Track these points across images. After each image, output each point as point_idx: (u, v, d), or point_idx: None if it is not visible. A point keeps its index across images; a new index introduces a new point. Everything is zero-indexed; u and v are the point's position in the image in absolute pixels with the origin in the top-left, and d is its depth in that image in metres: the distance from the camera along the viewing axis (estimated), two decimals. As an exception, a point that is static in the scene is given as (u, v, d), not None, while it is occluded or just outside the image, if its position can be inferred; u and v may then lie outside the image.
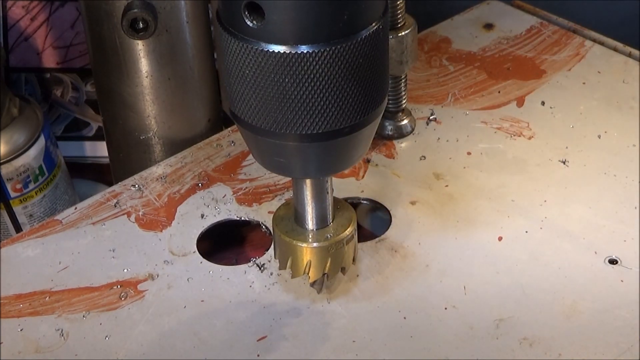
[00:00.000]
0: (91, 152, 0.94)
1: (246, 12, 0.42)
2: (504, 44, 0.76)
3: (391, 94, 0.65)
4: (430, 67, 0.74)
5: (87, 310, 0.54)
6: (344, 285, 0.55)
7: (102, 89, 0.70)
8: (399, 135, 0.67)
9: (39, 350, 0.52)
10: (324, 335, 0.53)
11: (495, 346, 0.51)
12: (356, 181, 0.63)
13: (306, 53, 0.41)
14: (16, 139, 0.78)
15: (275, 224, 0.52)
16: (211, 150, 0.67)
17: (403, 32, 0.61)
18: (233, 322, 0.53)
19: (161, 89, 0.68)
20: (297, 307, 0.54)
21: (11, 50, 0.94)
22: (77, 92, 0.95)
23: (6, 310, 0.55)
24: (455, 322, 0.53)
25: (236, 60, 0.43)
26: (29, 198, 0.80)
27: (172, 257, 0.58)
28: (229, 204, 0.62)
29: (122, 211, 0.62)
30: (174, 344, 0.52)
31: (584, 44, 0.75)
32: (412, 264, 0.57)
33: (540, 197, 0.61)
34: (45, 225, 0.61)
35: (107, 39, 0.66)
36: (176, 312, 0.54)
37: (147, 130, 0.70)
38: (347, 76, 0.43)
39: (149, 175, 0.65)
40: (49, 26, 0.93)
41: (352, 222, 0.52)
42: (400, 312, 0.54)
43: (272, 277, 0.56)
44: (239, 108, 0.45)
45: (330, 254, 0.51)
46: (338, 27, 0.42)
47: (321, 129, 0.44)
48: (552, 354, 0.51)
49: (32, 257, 0.58)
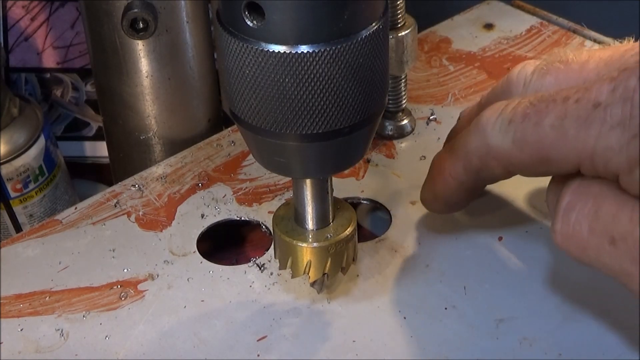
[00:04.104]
0: (91, 152, 0.94)
1: (246, 12, 0.42)
2: (504, 44, 0.76)
3: (391, 94, 0.65)
4: (430, 67, 0.74)
5: (87, 310, 0.55)
6: (344, 285, 0.55)
7: (102, 89, 0.70)
8: (399, 135, 0.67)
9: (39, 350, 0.52)
10: (324, 335, 0.53)
11: (495, 346, 0.51)
12: (356, 181, 0.63)
13: (306, 53, 0.42)
14: (16, 139, 0.78)
15: (275, 224, 0.52)
16: (211, 150, 0.67)
17: (403, 32, 0.61)
18: (233, 322, 0.53)
19: (161, 89, 0.68)
20: (297, 307, 0.54)
21: (11, 50, 0.94)
22: (77, 92, 0.95)
23: (6, 310, 0.55)
24: (455, 322, 0.53)
25: (236, 60, 0.43)
26: (29, 198, 0.80)
27: (172, 257, 0.58)
28: (229, 204, 0.62)
29: (122, 211, 0.62)
30: (174, 344, 0.52)
31: (584, 44, 0.75)
32: (412, 264, 0.57)
33: (541, 197, 0.61)
34: (45, 225, 0.61)
35: (107, 39, 0.66)
36: (176, 312, 0.54)
37: (147, 130, 0.70)
38: (347, 76, 0.43)
39: (149, 175, 0.65)
40: (49, 26, 0.93)
41: (352, 222, 0.52)
42: (400, 312, 0.54)
43: (272, 277, 0.56)
44: (239, 108, 0.45)
45: (330, 254, 0.51)
46: (338, 27, 0.42)
47: (321, 129, 0.44)
48: (552, 354, 0.51)
49: (32, 257, 0.58)
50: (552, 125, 0.42)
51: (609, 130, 0.40)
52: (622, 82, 0.40)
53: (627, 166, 0.40)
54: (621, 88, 0.40)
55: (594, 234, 0.42)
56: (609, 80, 0.41)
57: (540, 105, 0.43)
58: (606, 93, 0.41)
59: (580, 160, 0.42)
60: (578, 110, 0.41)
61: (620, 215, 0.41)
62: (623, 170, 0.40)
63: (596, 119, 0.41)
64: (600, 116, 0.40)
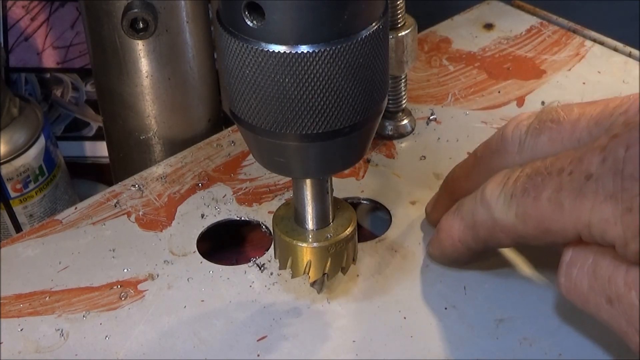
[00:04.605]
0: (91, 152, 0.94)
1: (246, 12, 0.42)
2: (504, 44, 0.76)
3: (391, 94, 0.65)
4: (430, 67, 0.74)
5: (87, 310, 0.55)
6: (344, 285, 0.55)
7: (102, 89, 0.70)
8: (399, 135, 0.67)
9: (39, 350, 0.52)
10: (324, 335, 0.53)
11: (495, 346, 0.51)
12: (356, 181, 0.63)
13: (306, 53, 0.41)
14: (16, 139, 0.78)
15: (275, 224, 0.52)
16: (211, 150, 0.67)
17: (403, 32, 0.61)
18: (233, 322, 0.53)
19: (161, 89, 0.68)
20: (297, 307, 0.54)
21: (11, 50, 0.94)
22: (77, 92, 0.95)
23: (6, 310, 0.55)
24: (455, 322, 0.53)
25: (236, 60, 0.43)
26: (29, 198, 0.80)
27: (172, 257, 0.58)
28: (229, 204, 0.62)
29: (122, 211, 0.62)
30: (174, 344, 0.52)
31: (584, 44, 0.75)
32: (412, 264, 0.57)
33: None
34: (45, 225, 0.61)
35: (107, 39, 0.66)
36: (176, 312, 0.54)
37: (147, 130, 0.70)
38: (347, 76, 0.43)
39: (149, 175, 0.65)
40: (49, 26, 0.93)
41: (352, 222, 0.52)
42: (400, 312, 0.54)
43: (272, 277, 0.56)
44: (239, 108, 0.45)
45: (330, 254, 0.51)
46: (338, 27, 0.42)
47: (321, 129, 0.44)
48: (552, 354, 0.51)
49: (32, 257, 0.58)
50: (549, 199, 0.44)
51: (602, 202, 0.41)
52: (611, 152, 0.41)
53: (623, 239, 0.41)
54: (610, 159, 0.41)
55: (593, 291, 0.43)
56: (600, 150, 0.42)
57: (537, 179, 0.45)
58: (596, 164, 0.41)
59: (578, 231, 0.43)
60: (572, 183, 0.42)
61: (616, 277, 0.42)
62: (619, 242, 0.41)
63: (589, 191, 0.41)
64: (593, 188, 0.41)
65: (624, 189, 0.40)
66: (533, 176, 0.45)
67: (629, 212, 0.40)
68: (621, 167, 0.40)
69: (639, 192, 0.39)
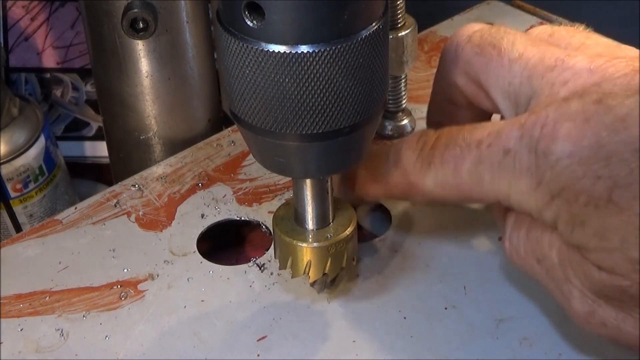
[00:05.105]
0: (91, 152, 0.94)
1: (246, 12, 0.42)
2: (504, 44, 0.76)
3: (391, 94, 0.65)
4: (430, 67, 0.74)
5: (87, 310, 0.55)
6: (344, 285, 0.55)
7: (102, 89, 0.70)
8: (399, 135, 0.67)
9: (39, 350, 0.52)
10: (324, 335, 0.53)
11: (495, 346, 0.51)
12: (356, 181, 0.63)
13: (306, 53, 0.42)
14: (16, 139, 0.78)
15: (275, 224, 0.52)
16: (211, 150, 0.67)
17: (403, 32, 0.61)
18: (233, 322, 0.53)
19: (161, 89, 0.68)
20: (297, 307, 0.54)
21: (11, 50, 0.94)
22: (77, 92, 0.95)
23: (6, 310, 0.55)
24: (455, 322, 0.53)
25: (236, 60, 0.43)
26: (29, 198, 0.80)
27: (172, 257, 0.58)
28: (229, 204, 0.62)
29: (122, 211, 0.62)
30: (174, 344, 0.52)
31: (584, 44, 0.75)
32: (412, 264, 0.57)
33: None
34: (45, 225, 0.61)
35: (107, 39, 0.66)
36: (176, 312, 0.54)
37: (147, 130, 0.70)
38: (347, 76, 0.43)
39: (149, 175, 0.65)
40: (49, 26, 0.93)
41: (352, 222, 0.52)
42: (400, 312, 0.54)
43: (272, 277, 0.56)
44: (239, 108, 0.45)
45: (330, 254, 0.51)
46: (338, 27, 0.42)
47: (321, 129, 0.44)
48: (552, 354, 0.51)
49: (32, 257, 0.58)
50: (469, 171, 0.46)
51: (519, 177, 0.44)
52: (528, 131, 0.43)
53: (537, 210, 0.44)
54: (527, 137, 0.43)
55: (527, 253, 0.46)
56: (518, 127, 0.44)
57: (455, 150, 0.46)
58: (514, 140, 0.44)
59: (498, 200, 0.46)
60: (491, 157, 0.45)
61: (542, 238, 0.45)
62: (534, 212, 0.44)
63: (508, 166, 0.44)
64: (511, 163, 0.44)
65: (537, 165, 0.42)
66: (452, 147, 0.47)
67: (539, 185, 0.43)
68: (535, 145, 0.42)
69: (549, 166, 0.42)
